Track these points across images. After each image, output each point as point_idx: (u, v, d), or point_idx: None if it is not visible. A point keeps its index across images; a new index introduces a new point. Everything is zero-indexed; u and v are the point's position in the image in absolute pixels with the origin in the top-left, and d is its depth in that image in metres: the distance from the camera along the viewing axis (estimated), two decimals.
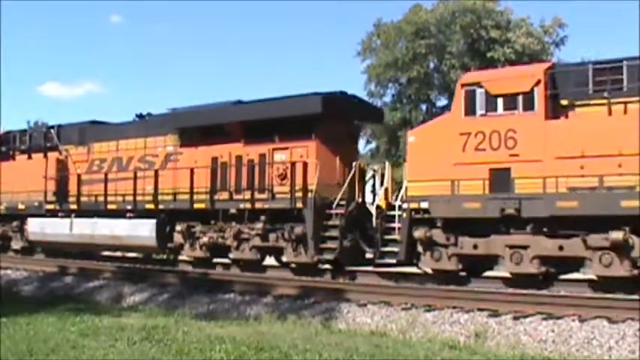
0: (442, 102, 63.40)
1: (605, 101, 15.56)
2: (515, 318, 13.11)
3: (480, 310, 13.82)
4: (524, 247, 16.25)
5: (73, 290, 19.80)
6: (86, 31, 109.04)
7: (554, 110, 16.17)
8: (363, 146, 67.20)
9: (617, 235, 14.88)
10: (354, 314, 14.67)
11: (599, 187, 15.14)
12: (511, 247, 16.39)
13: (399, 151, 56.30)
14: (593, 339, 11.88)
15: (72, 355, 9.88)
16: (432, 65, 55.68)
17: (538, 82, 16.13)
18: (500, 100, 16.55)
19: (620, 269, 15.11)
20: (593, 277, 15.85)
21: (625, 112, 15.39)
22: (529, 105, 16.14)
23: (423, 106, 60.67)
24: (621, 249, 15.01)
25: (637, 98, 15.23)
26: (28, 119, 76.70)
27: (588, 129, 15.46)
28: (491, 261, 17.10)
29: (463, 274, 17.51)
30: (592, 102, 15.83)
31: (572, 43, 65.60)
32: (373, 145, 65.06)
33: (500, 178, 16.32)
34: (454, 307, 14.13)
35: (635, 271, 15.07)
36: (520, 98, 16.27)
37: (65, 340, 10.96)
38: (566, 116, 16.16)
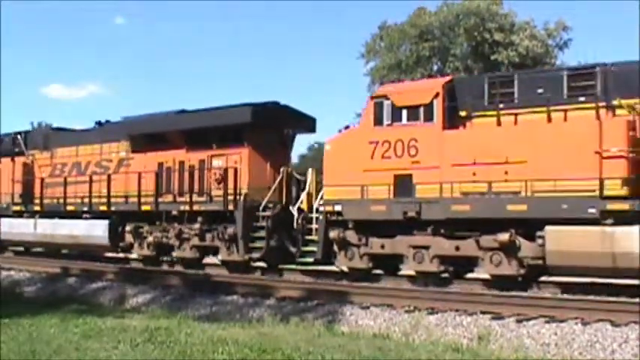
0: None
1: (504, 111, 16.94)
2: (519, 321, 13.11)
3: (482, 312, 13.81)
4: (426, 247, 17.70)
5: (75, 291, 19.83)
6: (90, 33, 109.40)
7: (454, 121, 17.50)
8: None
9: (503, 236, 16.30)
10: (357, 317, 14.67)
11: (488, 192, 16.59)
12: (414, 247, 17.84)
13: None
14: (596, 342, 11.87)
15: (75, 357, 9.88)
16: (435, 68, 55.63)
17: (437, 95, 17.52)
18: (404, 112, 17.94)
19: (509, 268, 16.59)
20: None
21: (515, 122, 16.85)
22: (429, 116, 17.55)
23: None
24: (509, 249, 16.45)
25: (527, 110, 16.63)
26: (31, 120, 77.19)
27: (480, 138, 16.94)
28: (397, 259, 18.68)
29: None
30: (487, 113, 17.16)
31: (576, 45, 65.51)
32: None
33: (403, 184, 17.75)
34: (457, 310, 14.13)
35: (522, 270, 16.51)
36: (421, 110, 17.67)
37: (68, 342, 10.97)
38: (464, 126, 17.55)
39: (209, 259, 23.15)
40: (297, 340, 11.51)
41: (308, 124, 22.99)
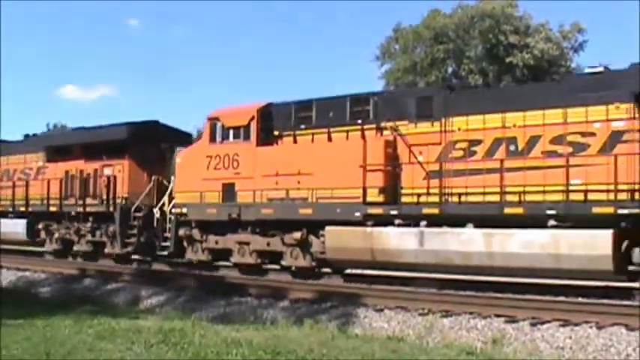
0: None
1: (299, 132, 20.45)
2: (533, 324, 13.05)
3: (497, 315, 13.75)
4: (247, 243, 21.21)
5: (90, 292, 19.86)
6: (104, 35, 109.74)
7: (270, 139, 21.04)
8: None
9: (298, 234, 19.74)
10: (371, 319, 14.64)
11: (286, 198, 20.08)
12: (239, 243, 21.36)
13: None
14: (611, 346, 11.80)
15: (89, 358, 9.90)
16: (450, 70, 55.54)
17: (253, 118, 21.10)
18: (231, 132, 21.57)
19: (304, 261, 19.96)
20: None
21: (312, 141, 20.18)
22: (247, 135, 21.16)
23: None
24: (303, 245, 19.90)
25: (319, 130, 20.02)
26: (47, 122, 77.54)
27: (281, 154, 20.54)
28: (229, 253, 21.90)
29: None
30: (291, 133, 20.66)
31: (591, 47, 65.18)
32: None
33: (228, 191, 21.33)
34: (471, 313, 14.07)
35: (314, 263, 19.87)
36: (242, 130, 21.29)
37: (82, 343, 10.99)
38: (277, 144, 20.99)
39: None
40: (311, 342, 11.51)
41: (184, 138, 26.49)
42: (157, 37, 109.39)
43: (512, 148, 17.04)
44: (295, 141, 20.47)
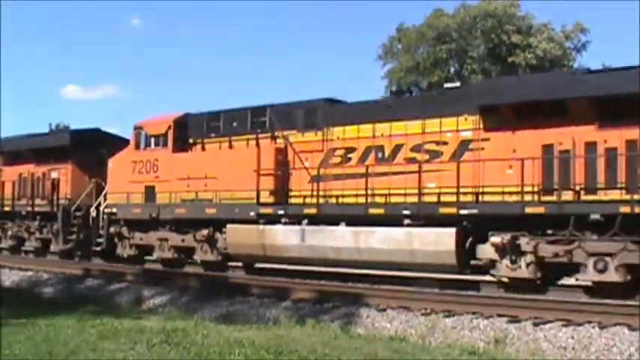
0: None
1: (208, 140, 22.88)
2: (535, 324, 13.04)
3: (499, 315, 13.75)
4: (166, 240, 23.53)
5: (93, 293, 19.90)
6: (106, 34, 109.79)
7: (185, 146, 23.39)
8: None
9: (205, 232, 22.17)
10: (373, 319, 14.64)
11: (195, 199, 22.52)
12: (159, 239, 23.69)
13: None
14: (614, 346, 11.80)
15: (91, 357, 9.90)
16: (452, 70, 55.55)
17: (169, 128, 23.50)
18: (152, 139, 23.98)
19: (212, 256, 22.34)
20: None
21: (220, 148, 22.53)
22: (165, 143, 23.58)
23: None
24: (211, 241, 22.28)
25: (225, 139, 22.40)
26: (50, 122, 77.58)
27: (193, 159, 22.89)
28: (152, 248, 24.25)
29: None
30: (202, 141, 23.10)
31: (594, 47, 65.19)
32: None
33: (150, 193, 23.79)
34: (474, 313, 14.07)
35: (220, 257, 22.16)
36: (161, 138, 23.70)
37: (85, 342, 10.99)
38: (190, 150, 23.35)
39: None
40: (314, 342, 11.51)
41: (122, 145, 26.69)
42: (160, 36, 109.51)
43: (380, 155, 19.18)
44: (204, 148, 23.06)
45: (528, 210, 16.15)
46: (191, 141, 23.32)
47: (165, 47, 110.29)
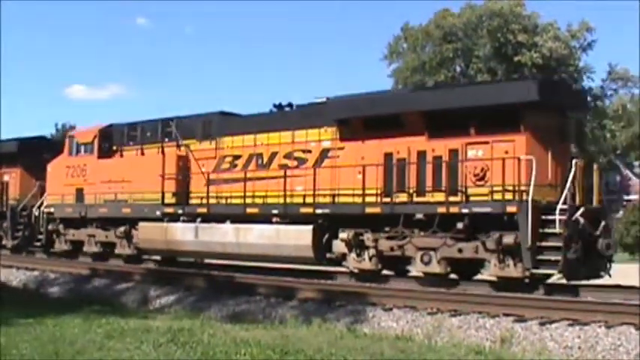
0: None
1: (127, 147, 25.76)
2: (542, 324, 13.01)
3: (505, 315, 13.72)
4: (93, 236, 26.25)
5: (99, 292, 19.92)
6: (112, 34, 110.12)
7: (110, 153, 26.23)
8: None
9: (122, 229, 24.83)
10: (380, 318, 14.64)
11: (115, 200, 25.20)
12: (88, 235, 26.41)
13: None
14: (620, 345, 11.78)
15: (97, 357, 9.93)
16: (458, 69, 55.52)
17: (95, 136, 26.48)
18: (82, 147, 26.95)
19: (129, 250, 24.93)
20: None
21: (136, 155, 25.31)
22: (92, 150, 26.54)
23: None
24: (127, 237, 24.87)
25: (140, 146, 25.16)
26: (56, 122, 77.68)
27: (113, 165, 25.71)
28: (83, 243, 26.79)
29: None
30: (123, 148, 25.94)
31: (600, 46, 65.09)
32: None
33: (79, 194, 26.66)
34: (480, 312, 14.04)
35: (136, 251, 24.76)
36: (89, 146, 26.67)
37: (91, 342, 11.02)
38: (113, 157, 26.11)
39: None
40: (320, 341, 11.52)
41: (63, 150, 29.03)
42: (166, 35, 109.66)
43: (260, 162, 21.89)
44: (122, 155, 26.00)
45: (368, 210, 18.81)
46: (115, 148, 26.37)
47: (171, 46, 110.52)
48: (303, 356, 10.14)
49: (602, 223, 16.94)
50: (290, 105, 22.31)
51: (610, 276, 17.22)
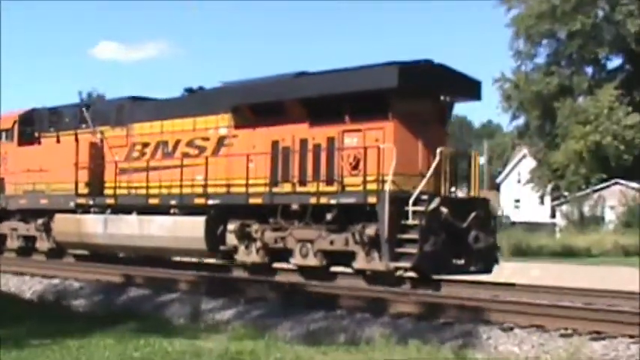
0: (615, 63, 61.88)
1: (46, 134, 30.35)
2: None
3: None
4: (16, 229, 30.72)
5: (137, 305, 20.12)
6: None
7: (33, 139, 30.81)
8: (507, 123, 66.47)
9: (40, 221, 29.56)
10: (497, 340, 14.50)
11: (33, 190, 29.78)
12: (11, 229, 31.05)
13: (556, 127, 55.42)
14: None
15: None
16: (601, 14, 54.61)
17: (15, 122, 30.93)
18: (3, 134, 31.35)
19: (48, 243, 29.57)
20: None
21: (55, 142, 29.75)
22: (11, 137, 30.95)
23: (589, 69, 59.30)
24: (46, 229, 29.43)
25: (59, 133, 29.59)
26: (80, 90, 78.28)
27: (32, 153, 30.10)
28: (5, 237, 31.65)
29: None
30: (43, 135, 30.50)
31: None
32: (521, 120, 64.24)
33: (0, 185, 31.18)
34: (631, 336, 13.74)
35: (54, 245, 29.52)
36: (9, 132, 31.05)
37: None
38: (38, 143, 30.64)
39: None
40: None
41: None
42: None
43: (166, 150, 25.87)
44: (40, 142, 30.24)
45: (251, 201, 22.58)
46: (36, 135, 30.64)
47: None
48: None
49: (472, 215, 20.12)
50: (201, 89, 25.18)
51: (490, 272, 20.83)
